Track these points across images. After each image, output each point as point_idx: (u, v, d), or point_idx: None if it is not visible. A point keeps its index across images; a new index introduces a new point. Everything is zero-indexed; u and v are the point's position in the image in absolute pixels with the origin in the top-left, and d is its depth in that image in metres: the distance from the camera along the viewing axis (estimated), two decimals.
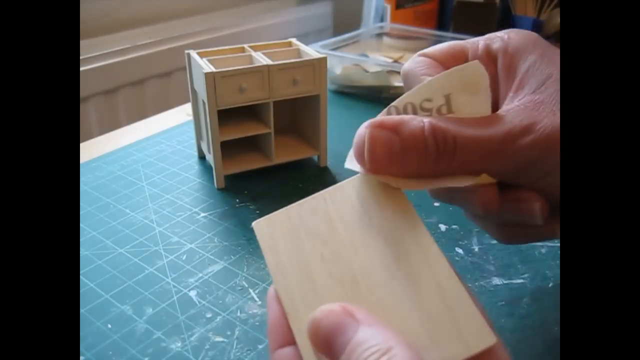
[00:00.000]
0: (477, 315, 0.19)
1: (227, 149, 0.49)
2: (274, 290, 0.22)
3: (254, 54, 0.49)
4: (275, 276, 0.22)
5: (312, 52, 0.50)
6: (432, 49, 0.30)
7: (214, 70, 0.45)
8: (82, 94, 0.95)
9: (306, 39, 1.30)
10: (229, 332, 0.33)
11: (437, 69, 0.28)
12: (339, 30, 1.22)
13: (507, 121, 0.23)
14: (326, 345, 0.19)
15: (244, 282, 0.37)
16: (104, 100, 1.00)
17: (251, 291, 0.36)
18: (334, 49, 0.73)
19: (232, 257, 0.40)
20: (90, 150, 0.56)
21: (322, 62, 0.48)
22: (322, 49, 0.70)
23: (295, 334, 0.21)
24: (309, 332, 0.19)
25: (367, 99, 0.68)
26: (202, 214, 0.45)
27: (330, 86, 0.70)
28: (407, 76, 0.29)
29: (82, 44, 0.98)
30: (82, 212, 0.45)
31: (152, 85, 1.07)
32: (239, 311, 0.35)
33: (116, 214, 0.45)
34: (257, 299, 0.36)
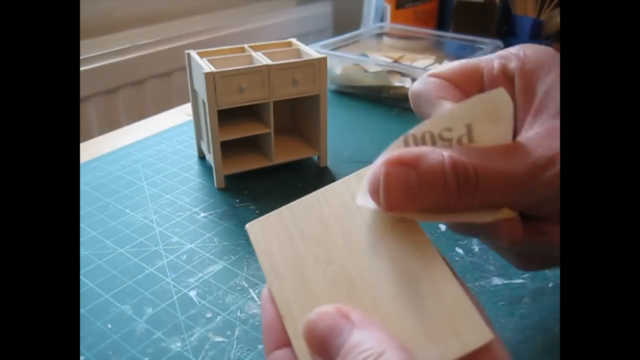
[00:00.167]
0: (473, 311, 0.19)
1: (227, 149, 0.49)
2: (268, 291, 0.22)
3: (254, 54, 0.49)
4: (269, 278, 0.22)
5: (312, 52, 0.50)
6: (442, 69, 0.28)
7: (214, 70, 0.45)
8: (82, 94, 0.95)
9: (306, 39, 1.30)
10: (229, 332, 0.33)
11: (450, 90, 0.27)
12: (339, 30, 1.22)
13: (530, 151, 0.22)
14: (321, 347, 0.19)
15: (244, 282, 0.37)
16: (104, 100, 1.00)
17: (251, 291, 0.36)
18: (334, 49, 0.73)
19: (232, 257, 0.40)
20: (90, 150, 0.56)
21: (322, 62, 0.48)
22: (322, 49, 0.70)
23: (290, 336, 0.21)
24: (304, 334, 0.19)
25: (367, 99, 0.68)
26: (202, 214, 0.45)
27: (330, 86, 0.70)
28: (418, 98, 0.28)
29: (82, 44, 0.98)
30: (82, 212, 0.45)
31: (152, 85, 1.07)
32: (239, 311, 0.35)
33: (116, 214, 0.45)
34: (257, 299, 0.36)
